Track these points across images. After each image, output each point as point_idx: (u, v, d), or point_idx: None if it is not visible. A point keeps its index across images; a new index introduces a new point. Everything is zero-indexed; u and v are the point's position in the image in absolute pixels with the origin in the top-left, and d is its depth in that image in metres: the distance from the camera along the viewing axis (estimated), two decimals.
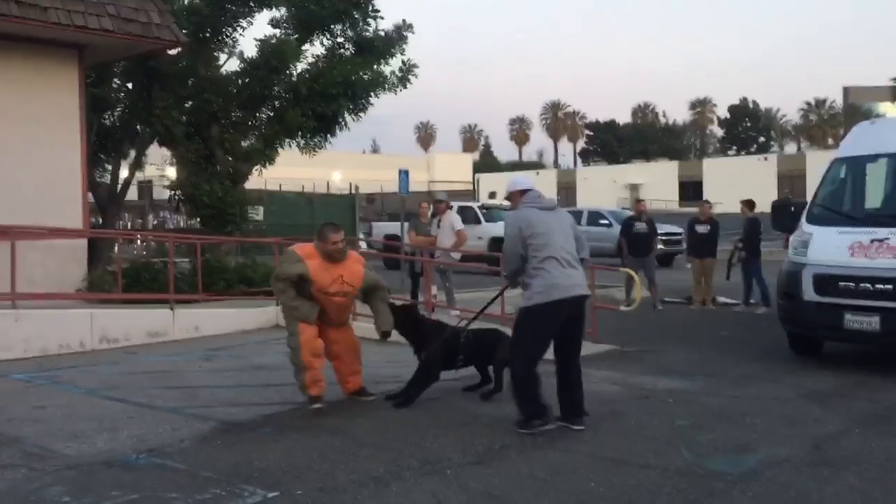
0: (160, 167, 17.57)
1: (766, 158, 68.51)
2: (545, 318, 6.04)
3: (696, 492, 4.75)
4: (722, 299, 14.46)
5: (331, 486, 4.84)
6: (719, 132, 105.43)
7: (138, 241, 22.44)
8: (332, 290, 6.78)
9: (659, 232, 16.65)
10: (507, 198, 6.67)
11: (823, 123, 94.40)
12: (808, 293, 8.48)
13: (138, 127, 15.78)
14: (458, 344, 7.13)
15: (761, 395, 7.32)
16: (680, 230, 25.03)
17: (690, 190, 65.40)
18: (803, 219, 9.17)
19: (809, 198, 9.71)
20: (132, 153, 17.04)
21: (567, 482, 4.92)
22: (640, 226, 14.51)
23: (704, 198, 16.09)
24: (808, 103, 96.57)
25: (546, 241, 6.10)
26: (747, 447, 5.67)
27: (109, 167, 16.73)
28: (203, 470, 5.17)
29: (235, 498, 4.65)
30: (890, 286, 7.90)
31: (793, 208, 9.97)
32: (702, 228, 14.24)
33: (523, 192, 6.48)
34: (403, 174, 15.89)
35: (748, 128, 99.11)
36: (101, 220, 16.50)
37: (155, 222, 31.73)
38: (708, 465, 5.25)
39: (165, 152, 16.27)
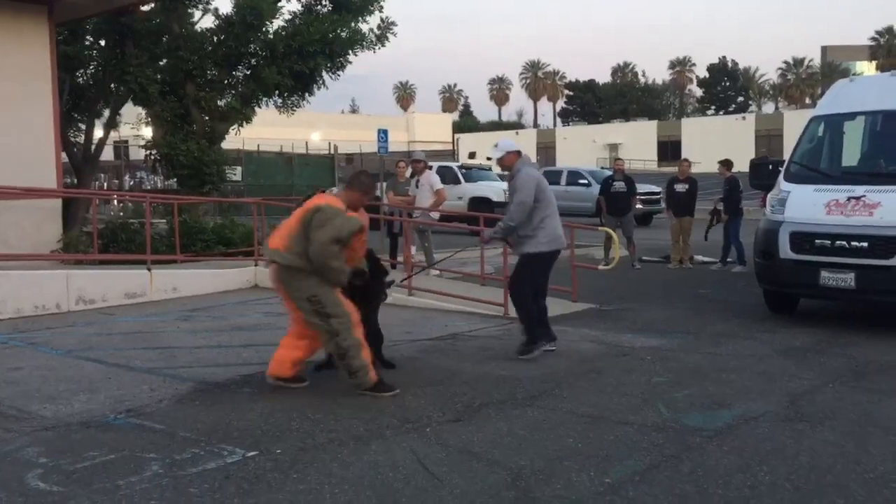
0: (135, 126, 17.30)
1: (744, 118, 68.62)
2: (547, 262, 7.21)
3: (672, 447, 4.81)
4: (699, 258, 14.57)
5: (310, 445, 4.85)
6: (698, 92, 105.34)
7: (115, 202, 22.22)
8: (364, 240, 6.22)
9: (638, 191, 16.65)
10: (502, 159, 7.28)
11: (801, 83, 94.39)
12: (785, 251, 8.53)
13: (112, 86, 15.50)
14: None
15: (737, 352, 7.40)
16: (658, 189, 25.11)
17: (669, 150, 65.51)
18: (781, 177, 9.19)
19: (787, 156, 9.74)
20: (106, 112, 16.77)
21: (546, 439, 4.95)
22: (619, 185, 14.52)
23: (683, 157, 16.05)
24: (787, 62, 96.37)
25: (548, 198, 7.15)
26: (723, 403, 5.74)
27: (83, 126, 16.47)
28: (182, 430, 5.15)
29: (214, 457, 4.64)
30: (865, 243, 7.97)
31: (770, 166, 10.01)
32: (680, 187, 14.26)
33: (518, 153, 7.27)
34: (382, 134, 15.76)
35: (727, 87, 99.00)
36: (75, 181, 16.27)
37: (131, 182, 31.35)
38: (684, 421, 5.31)
39: (140, 111, 16.03)
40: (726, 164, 14.05)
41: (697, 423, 5.28)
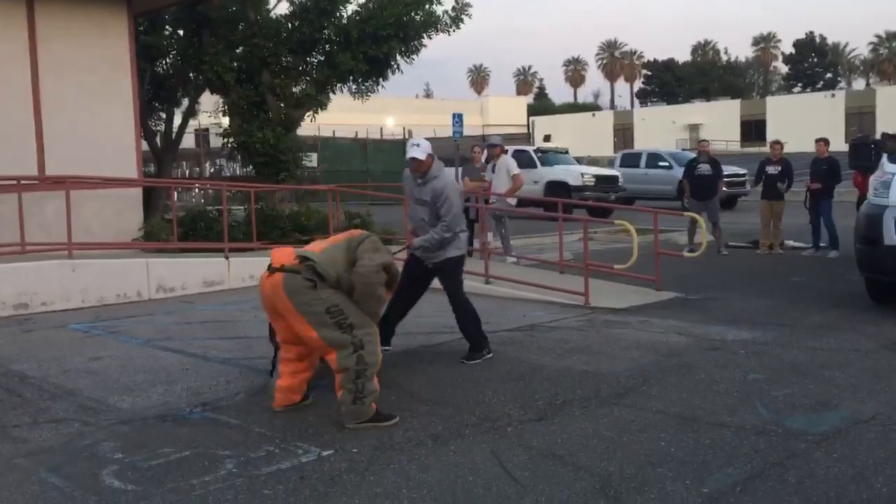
0: (212, 115, 17.50)
1: (833, 95, 65.79)
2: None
3: (775, 453, 4.44)
4: (791, 243, 13.88)
5: (387, 444, 4.65)
6: (784, 69, 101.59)
7: (196, 189, 22.60)
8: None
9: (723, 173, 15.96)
10: (423, 161, 6.55)
11: (894, 57, 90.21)
12: (890, 237, 7.98)
13: (190, 74, 15.67)
14: None
15: (840, 346, 6.91)
16: (744, 171, 24.22)
17: (753, 129, 63.42)
18: (885, 157, 8.60)
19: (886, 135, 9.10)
20: (185, 101, 16.99)
21: (635, 441, 4.64)
22: (704, 167, 13.91)
23: (771, 137, 15.28)
24: (879, 36, 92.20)
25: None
26: (828, 403, 5.31)
27: (164, 115, 16.73)
28: (257, 426, 5.03)
29: (289, 456, 4.50)
30: None
31: (872, 146, 9.39)
32: (772, 169, 13.57)
33: (434, 156, 6.69)
34: (457, 118, 15.51)
35: (814, 63, 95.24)
36: (156, 169, 16.55)
37: (212, 170, 31.92)
38: (786, 424, 4.91)
39: (218, 100, 16.17)
40: (826, 142, 13.25)
41: (801, 426, 4.88)
